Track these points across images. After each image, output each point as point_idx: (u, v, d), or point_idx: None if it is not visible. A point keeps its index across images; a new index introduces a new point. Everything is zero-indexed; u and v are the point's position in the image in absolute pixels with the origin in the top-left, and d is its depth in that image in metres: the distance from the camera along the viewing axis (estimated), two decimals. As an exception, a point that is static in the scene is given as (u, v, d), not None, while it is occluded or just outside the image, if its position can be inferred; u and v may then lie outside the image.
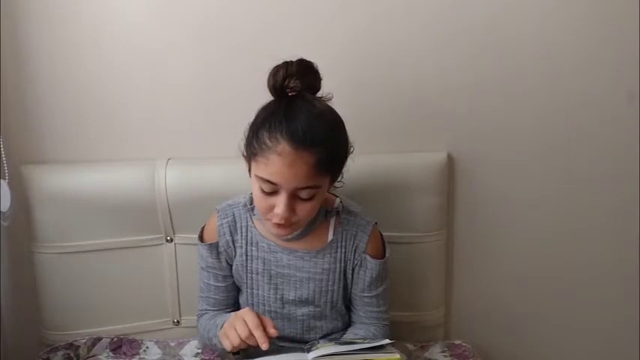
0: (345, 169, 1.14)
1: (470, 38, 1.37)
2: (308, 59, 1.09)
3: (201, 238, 1.23)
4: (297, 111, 1.05)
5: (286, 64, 1.07)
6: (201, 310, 1.27)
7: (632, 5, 1.36)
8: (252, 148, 1.07)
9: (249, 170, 1.11)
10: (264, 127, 1.05)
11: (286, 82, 1.06)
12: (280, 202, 1.06)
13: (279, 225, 1.09)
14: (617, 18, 1.37)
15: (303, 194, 1.06)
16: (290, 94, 1.07)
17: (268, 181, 1.05)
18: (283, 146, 1.02)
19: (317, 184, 1.06)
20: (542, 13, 1.37)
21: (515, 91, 1.41)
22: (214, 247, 1.21)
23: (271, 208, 1.07)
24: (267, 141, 1.04)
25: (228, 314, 1.19)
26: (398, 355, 1.04)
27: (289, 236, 1.16)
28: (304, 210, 1.08)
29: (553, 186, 1.46)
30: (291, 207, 1.06)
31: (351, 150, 1.13)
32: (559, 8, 1.36)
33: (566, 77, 1.40)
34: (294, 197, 1.06)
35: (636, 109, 1.42)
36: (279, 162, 1.03)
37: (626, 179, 1.46)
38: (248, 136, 1.10)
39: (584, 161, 1.45)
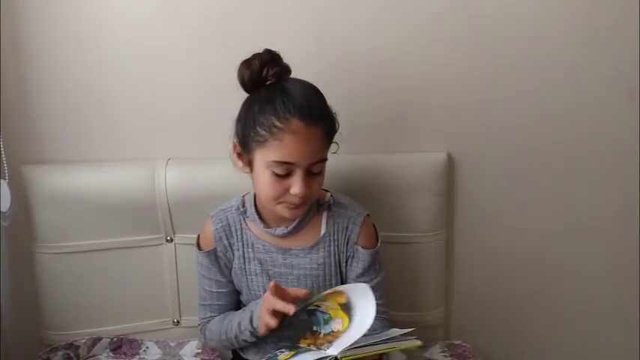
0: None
1: (470, 38, 1.37)
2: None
3: (198, 246, 1.23)
4: (293, 90, 1.07)
5: (257, 55, 1.10)
6: (205, 318, 1.25)
7: (632, 5, 1.36)
8: (258, 136, 1.07)
9: (250, 163, 1.12)
10: (266, 113, 1.06)
11: (265, 72, 1.08)
12: (297, 182, 1.07)
13: (295, 206, 1.10)
14: (617, 17, 1.37)
15: (315, 168, 1.09)
16: (269, 82, 1.09)
17: (284, 163, 1.06)
18: (296, 124, 1.04)
19: (325, 156, 1.11)
20: (542, 13, 1.36)
21: (515, 91, 1.41)
22: (212, 254, 1.21)
23: (285, 191, 1.09)
24: (277, 123, 1.05)
25: (237, 312, 1.21)
26: (419, 342, 1.04)
27: (285, 230, 1.17)
28: (317, 184, 1.11)
29: (553, 186, 1.46)
30: (307, 184, 1.08)
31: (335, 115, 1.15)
32: (559, 8, 1.36)
33: (566, 77, 1.40)
34: (307, 174, 1.08)
35: (636, 108, 1.42)
36: (295, 140, 1.04)
37: (626, 179, 1.46)
38: (245, 127, 1.10)
39: (584, 161, 1.45)
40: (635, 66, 1.39)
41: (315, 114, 1.06)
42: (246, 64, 1.10)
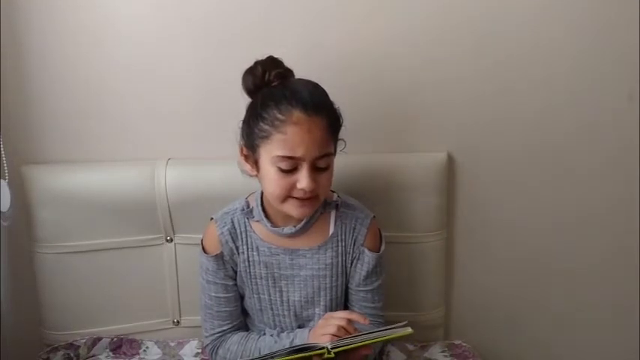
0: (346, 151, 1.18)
1: (471, 38, 1.37)
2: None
3: (203, 250, 1.22)
4: (294, 85, 1.09)
5: (259, 61, 1.12)
6: (214, 332, 1.23)
7: (632, 5, 1.36)
8: (262, 132, 1.08)
9: (256, 162, 1.12)
10: (269, 107, 1.07)
11: (267, 76, 1.10)
12: (303, 176, 1.07)
13: (302, 202, 1.10)
14: (617, 17, 1.37)
15: (321, 163, 1.09)
16: (273, 84, 1.10)
17: (289, 158, 1.06)
18: (297, 115, 1.05)
19: (330, 150, 1.11)
20: (542, 13, 1.36)
21: (515, 92, 1.41)
22: (220, 258, 1.20)
23: (292, 186, 1.08)
24: (279, 116, 1.06)
25: (262, 339, 1.19)
26: (410, 329, 1.05)
27: (292, 230, 1.17)
28: (324, 180, 1.11)
29: (553, 186, 1.46)
30: (313, 178, 1.08)
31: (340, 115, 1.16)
32: (559, 7, 1.36)
33: (567, 77, 1.40)
34: (313, 169, 1.08)
35: (636, 109, 1.42)
36: (297, 131, 1.05)
37: (627, 179, 1.46)
38: (249, 126, 1.11)
39: (584, 161, 1.45)
40: (635, 67, 1.38)
41: (317, 105, 1.07)
42: (249, 71, 1.12)
